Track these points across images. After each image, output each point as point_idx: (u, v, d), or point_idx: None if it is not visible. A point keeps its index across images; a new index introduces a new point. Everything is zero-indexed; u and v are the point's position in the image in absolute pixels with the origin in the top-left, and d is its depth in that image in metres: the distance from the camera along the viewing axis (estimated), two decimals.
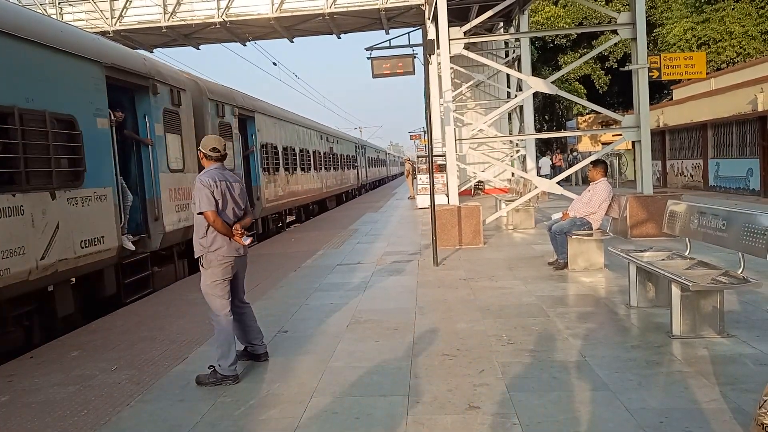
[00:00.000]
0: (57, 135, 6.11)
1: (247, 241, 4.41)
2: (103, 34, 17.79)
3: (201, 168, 4.56)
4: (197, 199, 4.26)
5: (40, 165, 5.88)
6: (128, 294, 7.57)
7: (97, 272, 6.88)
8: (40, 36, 6.04)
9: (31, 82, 5.83)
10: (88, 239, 6.52)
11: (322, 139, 21.85)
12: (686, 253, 5.44)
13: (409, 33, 18.19)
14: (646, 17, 11.20)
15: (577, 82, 30.12)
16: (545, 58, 31.46)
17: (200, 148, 4.49)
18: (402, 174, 69.40)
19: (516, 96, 17.40)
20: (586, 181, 21.22)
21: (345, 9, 18.87)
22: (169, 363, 4.84)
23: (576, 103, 20.17)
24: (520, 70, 16.43)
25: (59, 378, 4.65)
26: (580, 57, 24.94)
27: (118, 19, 19.15)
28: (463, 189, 18.77)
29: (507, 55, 19.40)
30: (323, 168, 21.46)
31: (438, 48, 11.51)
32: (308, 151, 19.05)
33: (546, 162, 27.59)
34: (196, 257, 4.43)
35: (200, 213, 4.27)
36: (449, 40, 10.54)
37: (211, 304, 4.38)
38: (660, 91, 30.71)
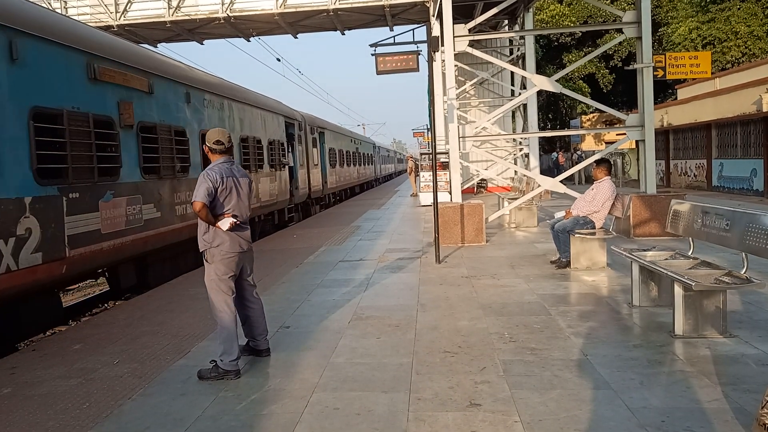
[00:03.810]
0: None
1: (226, 225, 4.31)
2: (107, 28, 17.83)
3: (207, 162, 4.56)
4: (196, 188, 4.29)
5: None
6: None
7: None
8: None
9: None
10: None
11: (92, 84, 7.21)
12: (689, 253, 5.43)
13: (413, 30, 18.27)
14: (651, 16, 11.18)
15: (581, 81, 30.08)
16: (550, 56, 31.42)
17: (205, 141, 4.51)
18: (396, 173, 66.62)
19: (520, 94, 17.38)
20: (589, 179, 21.23)
21: (349, 5, 18.83)
22: (171, 357, 4.85)
23: (580, 101, 20.12)
24: (524, 68, 16.39)
25: (61, 371, 4.66)
26: (584, 55, 24.92)
27: (123, 13, 19.14)
28: (466, 187, 18.77)
29: (511, 52, 19.36)
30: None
31: (442, 45, 11.48)
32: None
33: (553, 156, 28.81)
34: (200, 252, 4.45)
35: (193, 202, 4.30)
36: (454, 37, 10.51)
37: (214, 300, 4.38)
38: (664, 90, 30.64)
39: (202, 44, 22.50)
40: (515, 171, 17.80)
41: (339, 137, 25.84)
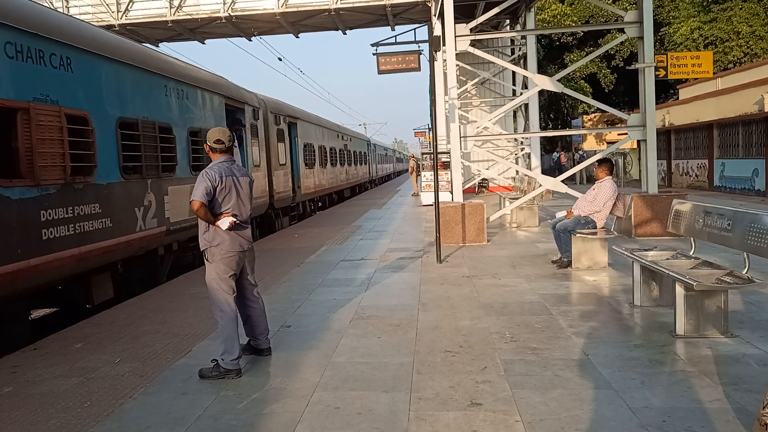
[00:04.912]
0: None
1: (225, 224, 4.31)
2: (109, 27, 17.84)
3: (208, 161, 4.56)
4: (195, 187, 4.30)
5: None
6: None
7: None
8: None
9: None
10: None
11: None
12: (691, 253, 5.43)
13: (414, 29, 18.24)
14: (653, 16, 11.17)
15: (582, 81, 30.07)
16: (551, 56, 31.40)
17: (206, 140, 4.54)
18: (396, 173, 63.62)
19: (521, 94, 17.37)
20: (590, 179, 21.22)
21: (351, 5, 18.85)
22: (172, 356, 4.85)
23: (581, 101, 20.10)
24: (525, 68, 16.39)
25: (63, 370, 4.67)
26: (586, 55, 24.89)
27: (124, 13, 19.18)
28: (467, 186, 18.77)
29: (513, 52, 19.35)
30: None
31: (443, 45, 11.47)
32: None
33: (555, 156, 29.60)
34: (201, 250, 4.46)
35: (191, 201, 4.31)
36: (455, 36, 10.51)
37: (215, 299, 4.39)
38: (666, 90, 30.61)
39: (203, 44, 22.54)
40: (516, 171, 17.79)
41: (320, 131, 21.17)
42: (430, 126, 29.90)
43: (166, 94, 8.84)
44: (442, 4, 11.13)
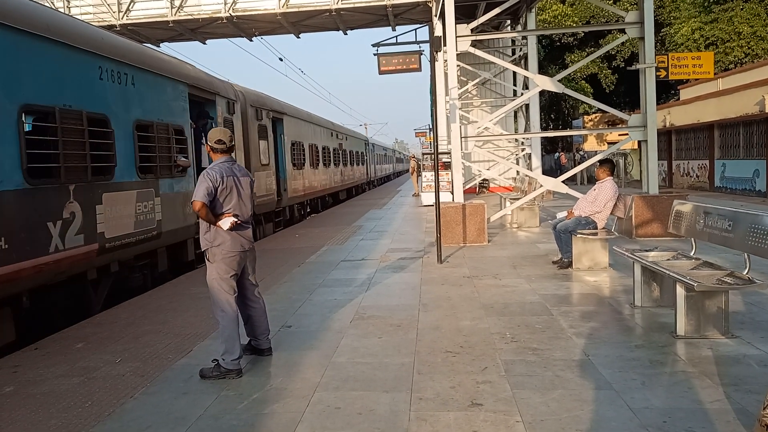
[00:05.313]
0: None
1: (226, 225, 4.32)
2: (110, 28, 17.86)
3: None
4: (196, 188, 4.32)
5: None
6: None
7: None
8: None
9: None
10: None
11: None
12: (691, 254, 5.42)
13: (415, 30, 18.20)
14: (654, 16, 11.17)
15: (583, 81, 30.08)
16: (552, 56, 31.41)
17: (207, 141, 4.55)
18: (396, 173, 63.53)
19: (522, 94, 17.37)
20: (591, 180, 21.21)
21: (352, 5, 18.85)
22: (173, 356, 4.85)
23: (582, 102, 20.11)
24: (526, 68, 16.39)
25: (64, 369, 4.67)
26: (587, 56, 24.87)
27: (125, 13, 19.19)
28: (467, 187, 18.76)
29: (514, 53, 19.35)
30: None
31: (444, 45, 11.48)
32: None
33: (556, 157, 29.71)
34: (202, 251, 4.47)
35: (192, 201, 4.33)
36: (456, 37, 10.51)
37: (216, 299, 4.40)
38: (667, 91, 30.60)
39: (204, 44, 22.54)
40: (517, 171, 17.79)
41: (310, 128, 19.33)
42: (430, 126, 29.85)
43: (101, 78, 6.91)
44: (443, 5, 11.14)
